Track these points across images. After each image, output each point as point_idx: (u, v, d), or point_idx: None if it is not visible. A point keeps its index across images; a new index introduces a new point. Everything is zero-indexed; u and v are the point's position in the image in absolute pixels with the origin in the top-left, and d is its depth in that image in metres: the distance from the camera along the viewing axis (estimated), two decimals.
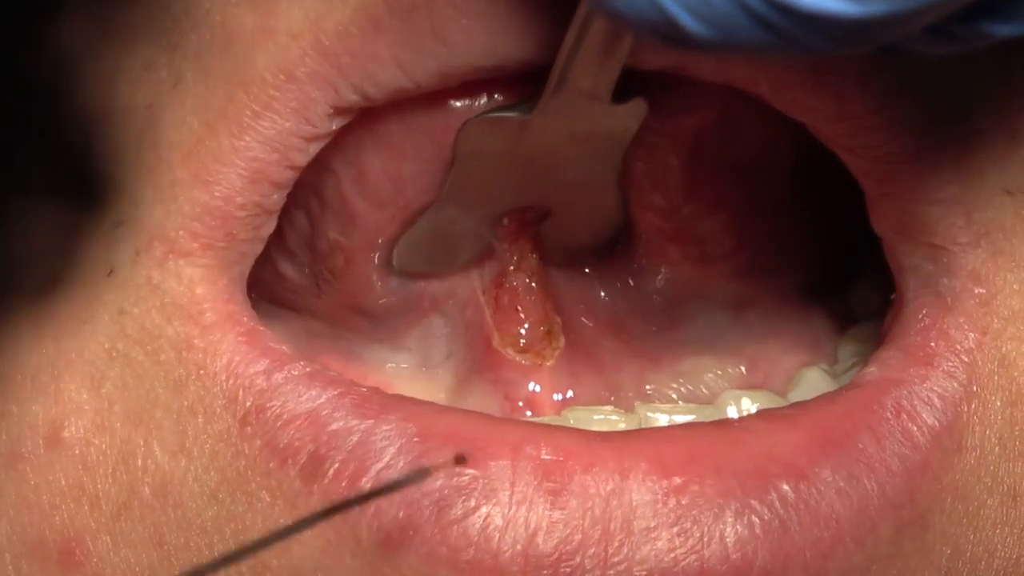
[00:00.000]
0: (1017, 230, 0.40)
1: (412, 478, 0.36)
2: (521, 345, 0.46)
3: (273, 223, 0.40)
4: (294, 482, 0.37)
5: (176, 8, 0.38)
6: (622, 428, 0.44)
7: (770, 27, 0.31)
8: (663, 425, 0.44)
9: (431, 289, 0.46)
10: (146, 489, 0.38)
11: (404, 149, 0.42)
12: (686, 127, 0.44)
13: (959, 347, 0.40)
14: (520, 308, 0.46)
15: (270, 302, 0.46)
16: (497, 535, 0.36)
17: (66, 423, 0.38)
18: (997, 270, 0.40)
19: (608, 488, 0.37)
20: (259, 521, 0.37)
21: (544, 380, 0.46)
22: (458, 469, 0.37)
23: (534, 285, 0.46)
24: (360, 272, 0.45)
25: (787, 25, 0.30)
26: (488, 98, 0.41)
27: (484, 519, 0.36)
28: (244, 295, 0.40)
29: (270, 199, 0.39)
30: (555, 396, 0.47)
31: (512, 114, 0.41)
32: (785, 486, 0.37)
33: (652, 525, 0.37)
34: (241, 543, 0.37)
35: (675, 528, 0.37)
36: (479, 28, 0.37)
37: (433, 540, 0.36)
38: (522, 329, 0.46)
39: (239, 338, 0.39)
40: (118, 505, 0.38)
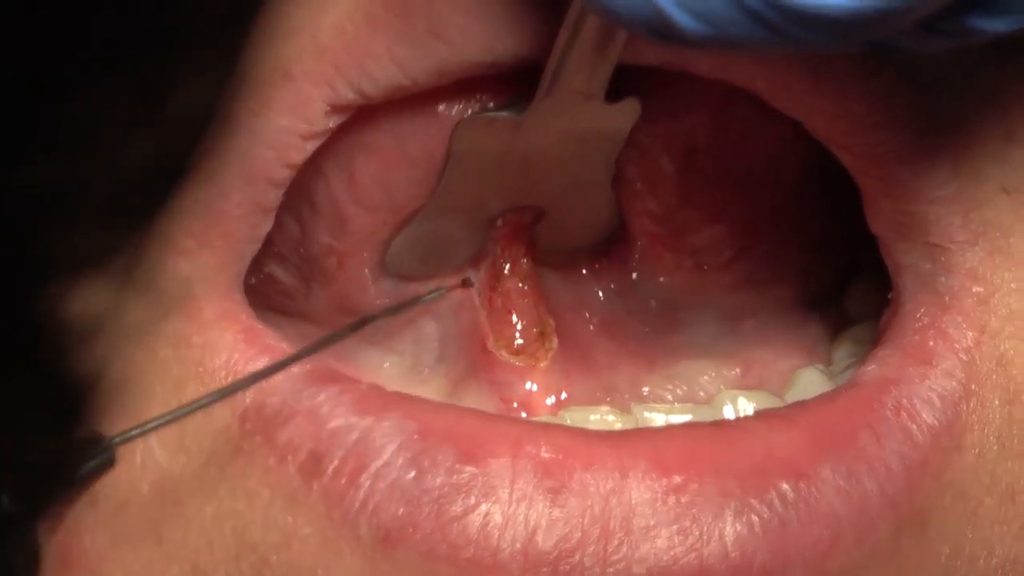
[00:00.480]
0: (1015, 228, 0.40)
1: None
2: (515, 347, 0.46)
3: (270, 222, 0.40)
4: (293, 479, 0.37)
5: None
6: (619, 428, 0.44)
7: (763, 23, 0.31)
8: (661, 425, 0.44)
9: (424, 291, 0.46)
10: (145, 486, 0.38)
11: (395, 154, 0.42)
12: (679, 130, 0.44)
13: (957, 346, 0.40)
14: (513, 310, 0.46)
15: (261, 308, 0.45)
16: (497, 533, 0.36)
17: None
18: (995, 268, 0.40)
19: (608, 487, 0.37)
20: (259, 518, 0.37)
21: (539, 381, 0.46)
22: (458, 467, 0.36)
23: (527, 287, 0.46)
24: (353, 274, 0.44)
25: (780, 20, 0.30)
26: (480, 104, 0.41)
27: (484, 517, 0.36)
28: (242, 293, 0.40)
29: (267, 197, 0.39)
30: (550, 398, 0.47)
31: (505, 114, 0.41)
32: (785, 485, 0.37)
33: (651, 524, 0.37)
34: (241, 540, 0.37)
35: (674, 527, 0.37)
36: (476, 24, 0.37)
37: (433, 537, 0.36)
38: (516, 331, 0.46)
39: (237, 335, 0.38)
40: (117, 502, 0.38)
